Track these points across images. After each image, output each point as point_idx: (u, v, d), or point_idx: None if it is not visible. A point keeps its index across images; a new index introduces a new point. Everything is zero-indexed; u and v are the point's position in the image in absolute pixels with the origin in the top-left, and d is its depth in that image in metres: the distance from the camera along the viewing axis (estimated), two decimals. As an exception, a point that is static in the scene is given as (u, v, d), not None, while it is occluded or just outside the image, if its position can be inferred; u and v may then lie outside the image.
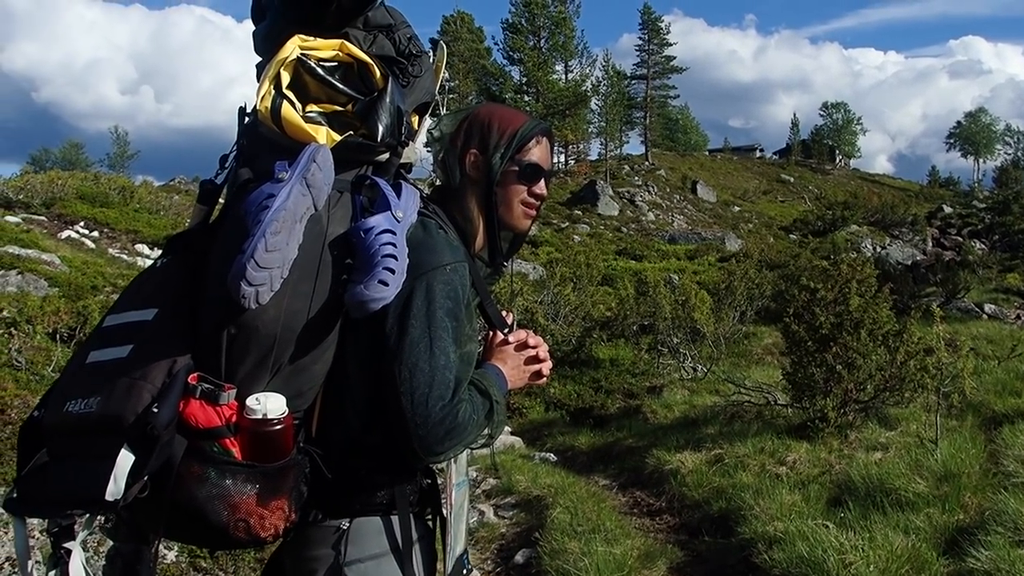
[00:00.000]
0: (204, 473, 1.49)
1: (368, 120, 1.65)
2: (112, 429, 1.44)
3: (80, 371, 1.56)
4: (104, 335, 1.59)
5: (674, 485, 6.46)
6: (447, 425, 1.57)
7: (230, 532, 1.52)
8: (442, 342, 1.61)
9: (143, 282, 1.68)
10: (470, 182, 1.88)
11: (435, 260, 1.66)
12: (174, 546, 4.35)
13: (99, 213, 18.08)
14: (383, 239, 1.55)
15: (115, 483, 1.42)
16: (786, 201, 53.91)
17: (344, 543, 1.68)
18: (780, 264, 20.52)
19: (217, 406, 1.50)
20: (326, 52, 1.66)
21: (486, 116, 1.91)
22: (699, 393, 10.44)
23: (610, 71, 53.11)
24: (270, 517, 1.55)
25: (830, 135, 79.50)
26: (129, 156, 64.86)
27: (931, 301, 13.96)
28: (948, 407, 6.57)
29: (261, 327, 1.52)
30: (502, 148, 1.86)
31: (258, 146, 1.64)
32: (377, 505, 1.71)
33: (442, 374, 1.58)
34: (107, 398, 1.47)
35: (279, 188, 1.49)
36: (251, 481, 1.52)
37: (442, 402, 1.57)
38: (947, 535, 4.39)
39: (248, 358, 1.54)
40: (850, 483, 5.39)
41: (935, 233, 38.01)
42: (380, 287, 1.52)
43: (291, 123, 1.59)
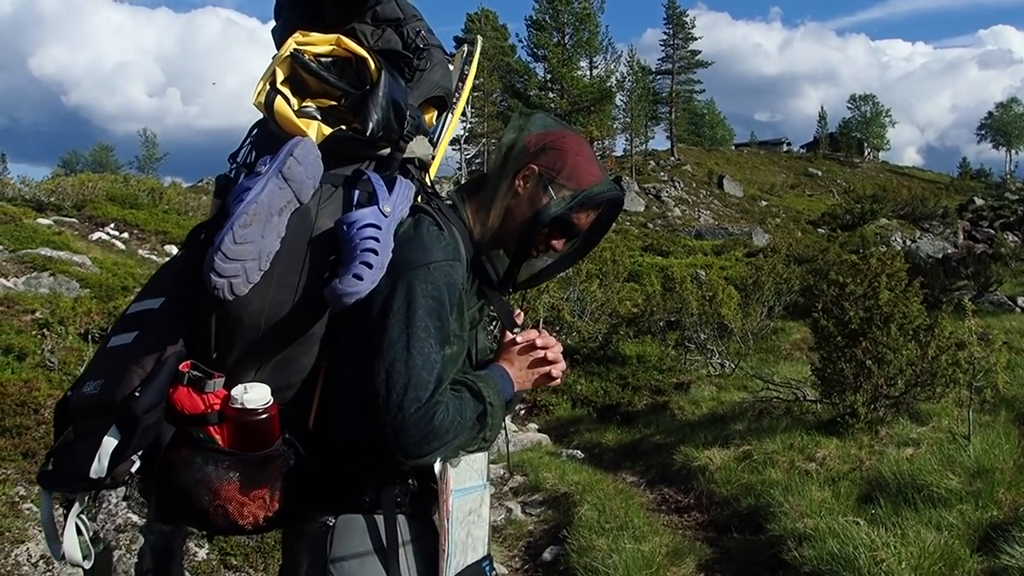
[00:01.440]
0: (191, 458, 1.55)
1: (359, 114, 1.65)
2: (105, 410, 1.52)
3: (99, 355, 1.65)
4: (123, 321, 1.66)
5: (702, 482, 6.43)
6: (422, 427, 1.53)
7: (210, 517, 1.58)
8: (420, 342, 1.56)
9: (162, 272, 1.76)
10: (511, 189, 1.81)
11: (421, 258, 1.62)
12: (204, 544, 4.40)
13: (129, 214, 18.30)
14: (365, 232, 1.54)
15: (99, 462, 1.49)
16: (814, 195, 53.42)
17: (330, 539, 1.67)
18: (808, 259, 20.31)
19: (203, 394, 1.55)
20: (322, 47, 1.68)
21: (571, 154, 1.81)
22: (727, 389, 10.38)
23: (635, 66, 52.97)
24: (250, 506, 1.59)
25: (858, 128, 78.69)
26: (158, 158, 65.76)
27: (963, 295, 13.74)
28: (981, 402, 6.48)
29: (246, 318, 1.55)
30: (566, 199, 1.78)
31: (265, 143, 1.68)
32: (363, 503, 1.68)
33: (418, 374, 1.54)
34: (107, 381, 1.55)
35: (255, 181, 1.53)
36: (233, 469, 1.56)
37: (417, 403, 1.52)
38: (980, 532, 4.33)
39: (234, 348, 1.58)
40: (881, 479, 5.33)
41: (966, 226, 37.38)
42: (354, 281, 1.51)
43: (283, 117, 1.62)
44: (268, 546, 4.58)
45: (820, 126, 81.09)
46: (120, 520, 5.12)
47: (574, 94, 50.33)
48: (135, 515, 5.15)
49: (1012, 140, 77.21)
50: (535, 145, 1.81)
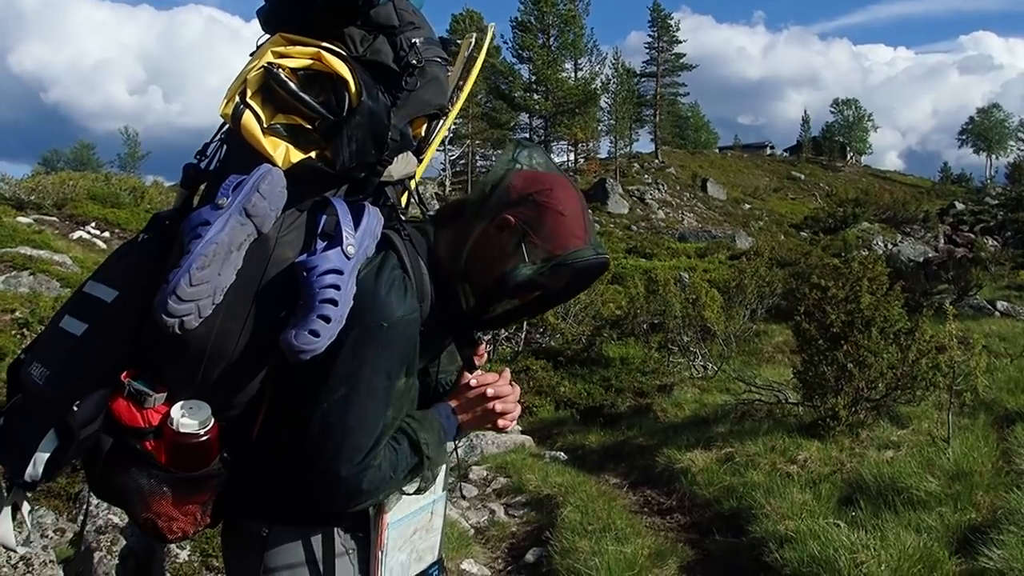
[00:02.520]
0: (127, 466, 1.53)
1: (331, 141, 1.54)
2: (47, 409, 1.49)
3: (53, 333, 1.57)
4: (78, 301, 1.59)
5: (685, 484, 6.45)
6: (349, 487, 1.50)
7: (139, 525, 1.57)
8: (363, 402, 1.50)
9: (121, 256, 1.65)
10: (484, 234, 1.64)
11: (379, 314, 1.51)
12: (186, 545, 4.37)
13: (110, 213, 18.17)
14: (325, 281, 1.45)
15: (33, 467, 1.48)
16: (797, 198, 53.77)
17: (264, 550, 1.64)
18: (791, 262, 20.44)
19: (143, 409, 1.51)
20: (300, 61, 1.55)
21: (553, 207, 1.61)
22: (709, 392, 10.42)
23: (620, 69, 53.04)
24: (179, 521, 1.57)
25: (841, 132, 79.24)
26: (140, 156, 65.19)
27: (943, 299, 13.88)
28: (960, 405, 6.54)
29: (191, 341, 1.47)
30: (538, 264, 1.59)
31: (233, 143, 1.61)
32: (299, 515, 1.63)
33: (355, 436, 1.49)
34: (52, 376, 1.50)
35: (215, 216, 1.45)
36: (166, 485, 1.53)
37: (348, 464, 1.48)
38: (959, 534, 4.37)
39: (177, 367, 1.52)
40: (861, 482, 5.37)
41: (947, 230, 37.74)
42: (310, 338, 1.43)
43: (249, 134, 1.52)
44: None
45: (803, 130, 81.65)
46: (101, 521, 5.08)
47: (559, 96, 50.38)
48: (116, 517, 5.12)
49: (992, 145, 77.88)
50: (518, 191, 1.62)
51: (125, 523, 5.11)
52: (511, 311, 1.75)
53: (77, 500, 5.30)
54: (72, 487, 5.37)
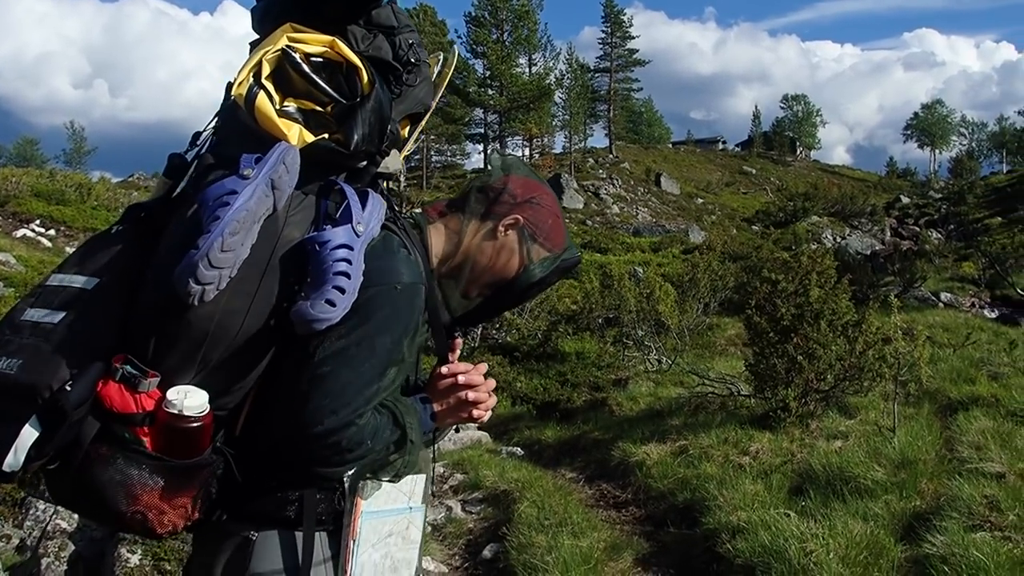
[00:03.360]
0: (112, 457, 1.44)
1: (344, 126, 1.58)
2: (25, 397, 1.41)
3: (13, 327, 1.50)
4: (43, 294, 1.53)
5: (640, 477, 6.51)
6: (329, 440, 1.50)
7: (125, 521, 1.48)
8: (360, 359, 1.52)
9: (94, 246, 1.60)
10: (490, 231, 1.78)
11: (387, 276, 1.57)
12: (136, 549, 4.31)
13: (55, 211, 17.82)
14: (338, 255, 1.49)
15: (14, 455, 1.40)
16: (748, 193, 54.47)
17: (248, 555, 1.62)
18: (743, 256, 20.75)
19: (136, 393, 1.45)
20: (315, 47, 1.59)
21: (551, 215, 1.83)
22: (664, 385, 10.53)
23: (573, 64, 53.28)
24: (170, 514, 1.50)
25: (791, 127, 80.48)
26: (86, 152, 63.70)
27: (889, 291, 14.22)
28: (905, 395, 6.71)
29: (194, 321, 1.46)
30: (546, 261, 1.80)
31: (230, 129, 1.60)
32: (285, 518, 1.63)
33: (345, 391, 1.50)
34: (27, 363, 1.43)
35: (243, 185, 1.44)
36: (158, 474, 1.46)
37: (333, 416, 1.49)
38: (904, 521, 4.49)
39: (176, 350, 1.48)
40: (811, 472, 5.48)
41: (893, 223, 38.62)
42: (326, 307, 1.46)
43: (264, 115, 1.53)
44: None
45: (754, 125, 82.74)
46: (48, 527, 4.99)
47: (513, 91, 50.42)
48: (63, 522, 5.03)
49: (936, 140, 79.74)
50: (522, 196, 1.80)
51: (73, 528, 5.02)
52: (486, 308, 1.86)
53: (23, 506, 5.20)
54: (17, 493, 5.27)
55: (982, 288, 17.92)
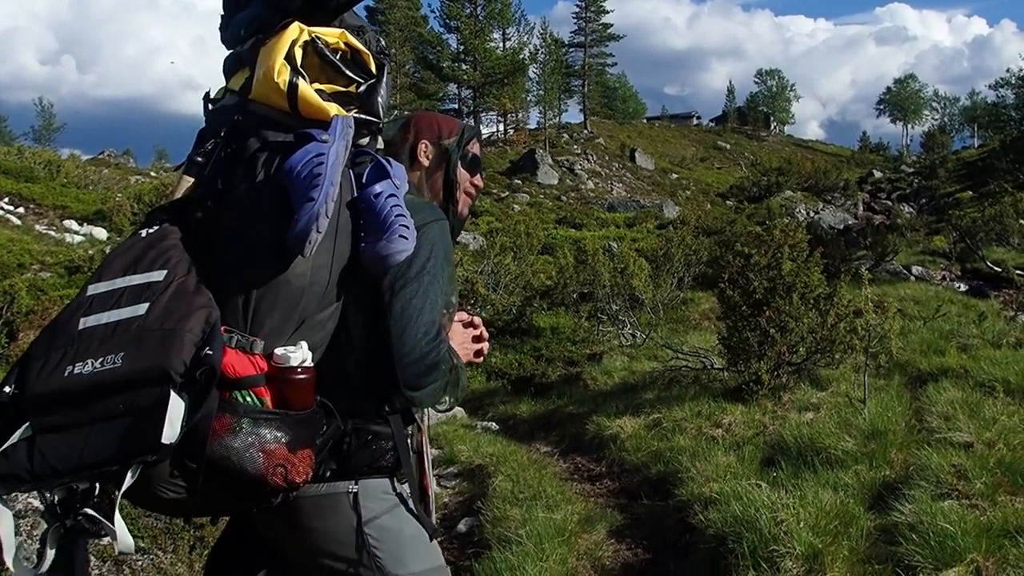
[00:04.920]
0: (236, 424, 1.52)
1: (370, 100, 1.83)
2: (153, 380, 1.45)
3: (75, 338, 1.52)
4: (97, 302, 1.57)
5: (614, 450, 6.55)
6: (430, 359, 1.72)
7: (268, 479, 1.54)
8: (435, 285, 1.79)
9: (134, 251, 1.67)
10: (421, 168, 2.14)
11: (429, 216, 1.87)
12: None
13: (24, 188, 17.53)
14: (392, 201, 1.73)
15: (171, 426, 1.43)
16: (723, 168, 54.69)
17: (356, 505, 1.77)
18: (717, 230, 20.81)
19: (252, 355, 1.58)
20: (330, 39, 1.79)
21: (431, 118, 2.21)
22: (638, 359, 10.58)
23: (547, 39, 52.98)
24: (300, 464, 1.59)
25: (764, 102, 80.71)
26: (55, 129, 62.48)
27: (861, 264, 14.31)
28: (876, 367, 6.78)
29: (292, 280, 1.63)
30: (455, 139, 2.16)
31: (254, 122, 1.74)
32: (381, 467, 1.82)
33: (430, 314, 1.75)
34: (136, 351, 1.47)
35: (326, 147, 1.64)
36: (283, 429, 1.57)
37: (428, 337, 1.73)
38: (874, 491, 4.54)
39: (276, 312, 1.63)
40: (783, 443, 5.53)
41: (866, 198, 38.86)
42: (402, 241, 1.69)
43: (308, 100, 1.72)
44: (176, 528, 4.48)
45: (728, 100, 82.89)
46: (20, 506, 4.93)
47: (487, 66, 50.07)
48: (35, 500, 4.97)
49: (908, 115, 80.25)
50: (409, 133, 2.17)
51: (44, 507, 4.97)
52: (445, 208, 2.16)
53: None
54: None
55: (953, 261, 18.09)
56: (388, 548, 1.79)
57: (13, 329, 7.84)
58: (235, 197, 1.69)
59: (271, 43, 1.74)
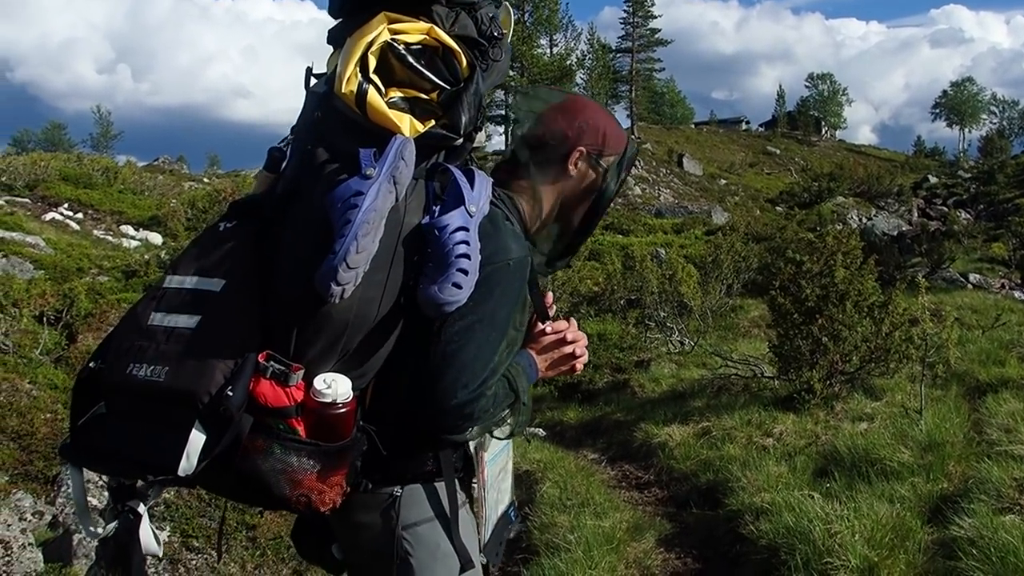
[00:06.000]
0: (268, 448, 1.51)
1: (451, 111, 1.65)
2: (184, 403, 1.47)
3: (143, 333, 1.56)
4: (167, 297, 1.59)
5: (662, 458, 6.51)
6: (465, 411, 1.60)
7: (291, 505, 1.55)
8: (486, 334, 1.63)
9: (208, 245, 1.66)
10: (561, 174, 1.87)
11: (501, 255, 1.66)
12: (165, 526, 4.37)
13: (83, 194, 17.99)
14: (457, 237, 1.56)
15: (187, 460, 1.45)
16: (772, 173, 53.98)
17: (397, 508, 1.73)
18: (766, 237, 20.56)
19: (286, 387, 1.52)
20: (414, 36, 1.62)
21: (602, 122, 1.90)
22: (686, 367, 10.50)
23: (595, 44, 52.92)
24: (329, 492, 1.57)
25: (816, 106, 79.45)
26: (112, 136, 64.28)
27: (916, 272, 14.03)
28: (933, 377, 6.63)
29: (335, 314, 1.55)
30: (616, 170, 1.90)
31: (335, 121, 1.64)
32: (426, 473, 1.76)
33: (473, 365, 1.60)
34: (177, 370, 1.49)
35: (367, 186, 1.50)
36: (313, 458, 1.54)
37: (466, 389, 1.59)
38: (931, 504, 4.45)
39: (319, 342, 1.57)
40: (836, 454, 5.44)
41: (920, 204, 38.08)
42: (454, 290, 1.54)
43: (376, 111, 1.58)
44: (229, 528, 4.57)
45: (778, 104, 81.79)
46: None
47: (534, 72, 50.08)
48: (94, 499, 5.10)
49: (965, 119, 78.45)
50: (569, 127, 1.86)
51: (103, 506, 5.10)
52: (575, 242, 2.01)
53: (55, 483, 5.28)
54: (50, 470, 5.35)
55: (1012, 269, 17.61)
56: (421, 557, 1.76)
57: (73, 331, 8.04)
58: (295, 209, 1.62)
59: (354, 37, 1.62)
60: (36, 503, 5.04)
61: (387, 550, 1.75)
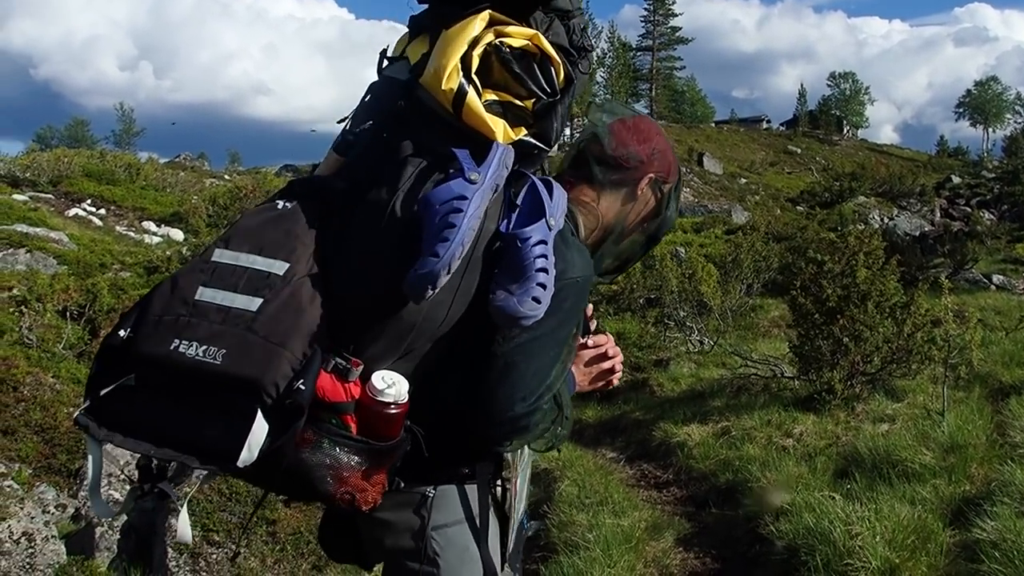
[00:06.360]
0: (318, 442, 1.47)
1: (545, 121, 1.63)
2: (247, 391, 1.40)
3: (190, 308, 1.47)
4: (220, 273, 1.51)
5: (681, 457, 6.50)
6: (520, 424, 1.60)
7: (334, 501, 1.52)
8: (547, 350, 1.61)
9: (267, 224, 1.58)
10: (631, 197, 1.89)
11: (570, 272, 1.63)
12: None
13: (106, 190, 18.16)
14: (537, 251, 1.53)
15: (248, 451, 1.39)
16: (793, 172, 53.62)
17: (428, 508, 1.72)
18: (787, 236, 20.43)
19: (346, 382, 1.49)
20: (518, 41, 1.58)
21: (669, 151, 1.95)
22: (706, 366, 10.47)
23: (615, 43, 52.81)
24: (371, 491, 1.54)
25: (838, 105, 78.84)
26: (135, 133, 64.86)
27: (939, 272, 13.90)
28: (955, 379, 6.58)
29: (405, 315, 1.52)
30: (674, 196, 1.96)
31: (418, 114, 1.60)
32: (460, 475, 1.75)
33: (533, 379, 1.59)
34: (237, 355, 1.41)
35: (472, 191, 1.48)
36: (361, 456, 1.50)
37: (524, 404, 1.58)
38: (953, 506, 4.41)
39: (382, 340, 1.54)
40: (856, 455, 5.41)
41: (943, 204, 37.68)
42: (533, 304, 1.51)
43: (474, 113, 1.54)
44: (251, 522, 4.60)
45: (799, 103, 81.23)
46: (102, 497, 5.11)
47: (555, 70, 50.12)
48: (116, 493, 5.16)
49: (990, 119, 77.59)
50: (645, 152, 1.88)
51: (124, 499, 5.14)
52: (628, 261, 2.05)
53: (78, 476, 5.33)
54: (72, 464, 5.40)
55: (1036, 270, 17.45)
56: (449, 559, 1.73)
57: (95, 326, 8.11)
58: (371, 199, 1.55)
59: (453, 31, 1.56)
60: (59, 496, 5.10)
61: (413, 549, 1.73)
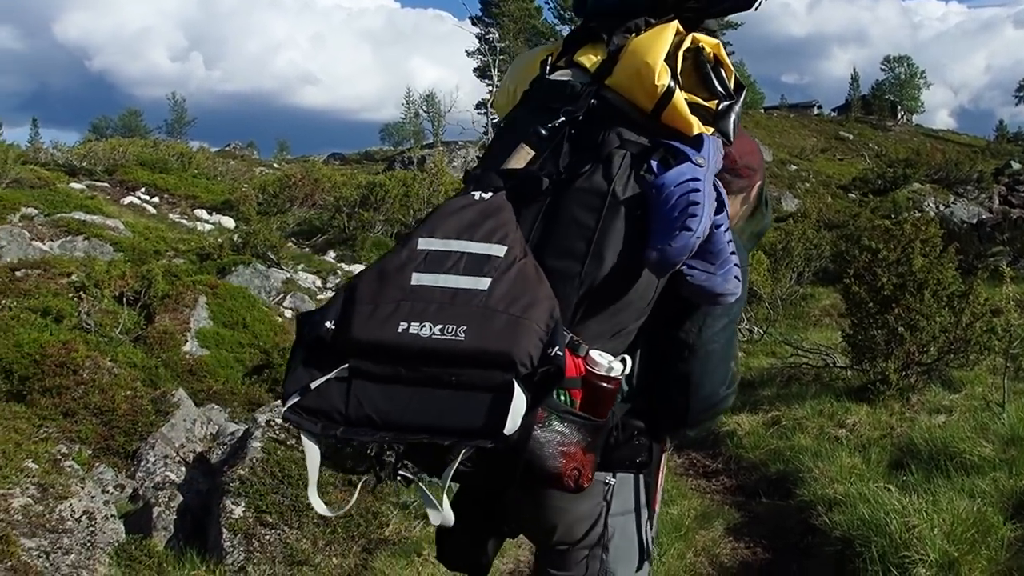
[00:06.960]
0: (547, 418, 1.48)
1: (723, 121, 1.72)
2: (500, 364, 1.40)
3: (409, 293, 1.47)
4: (434, 259, 1.51)
5: (731, 447, 6.44)
6: (719, 407, 1.72)
7: (563, 479, 1.50)
8: (735, 332, 1.74)
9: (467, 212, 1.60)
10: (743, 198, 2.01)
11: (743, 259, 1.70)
12: (240, 501, 4.47)
13: (159, 179, 18.49)
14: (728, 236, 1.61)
15: (513, 419, 1.37)
16: (845, 159, 52.61)
17: (609, 497, 1.76)
18: (839, 224, 20.08)
19: (577, 357, 1.53)
20: (707, 47, 1.73)
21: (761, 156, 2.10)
22: (755, 355, 10.35)
23: (664, 28, 52.09)
24: (587, 469, 1.53)
25: (892, 90, 77.11)
26: (186, 122, 65.95)
27: (999, 260, 13.55)
28: (1016, 369, 6.41)
29: (621, 292, 1.61)
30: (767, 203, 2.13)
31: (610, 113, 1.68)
32: (638, 463, 1.78)
33: (731, 364, 1.71)
34: (481, 331, 1.41)
35: (701, 173, 1.58)
36: (583, 432, 1.51)
37: (724, 385, 1.69)
38: (1014, 500, 4.30)
39: (599, 318, 1.60)
40: (912, 446, 5.30)
41: (1002, 190, 36.60)
42: (736, 283, 1.59)
43: (678, 110, 1.64)
44: (302, 504, 4.66)
45: (852, 88, 79.63)
46: (159, 478, 5.23)
47: (602, 57, 49.70)
48: (172, 474, 5.27)
49: (1051, 102, 75.40)
50: (755, 163, 2.02)
51: (181, 480, 5.25)
52: None
53: (135, 457, 5.45)
54: (129, 445, 5.53)
55: (1099, 259, 16.88)
56: (618, 544, 1.80)
57: (151, 312, 8.27)
58: (582, 188, 1.61)
59: (648, 37, 1.68)
60: (117, 476, 5.22)
61: (587, 535, 1.78)
